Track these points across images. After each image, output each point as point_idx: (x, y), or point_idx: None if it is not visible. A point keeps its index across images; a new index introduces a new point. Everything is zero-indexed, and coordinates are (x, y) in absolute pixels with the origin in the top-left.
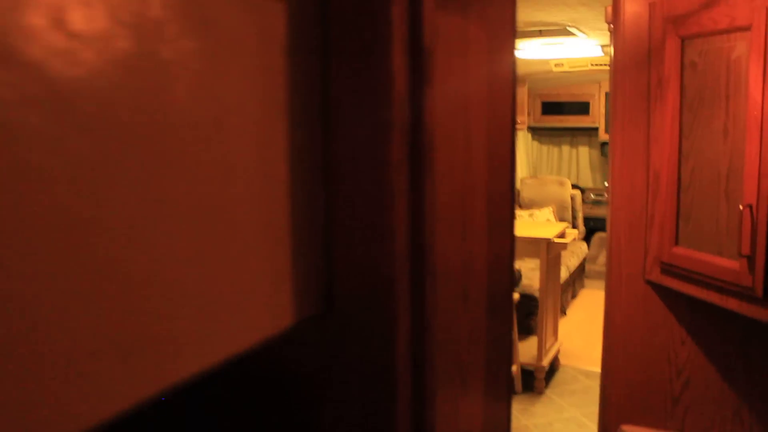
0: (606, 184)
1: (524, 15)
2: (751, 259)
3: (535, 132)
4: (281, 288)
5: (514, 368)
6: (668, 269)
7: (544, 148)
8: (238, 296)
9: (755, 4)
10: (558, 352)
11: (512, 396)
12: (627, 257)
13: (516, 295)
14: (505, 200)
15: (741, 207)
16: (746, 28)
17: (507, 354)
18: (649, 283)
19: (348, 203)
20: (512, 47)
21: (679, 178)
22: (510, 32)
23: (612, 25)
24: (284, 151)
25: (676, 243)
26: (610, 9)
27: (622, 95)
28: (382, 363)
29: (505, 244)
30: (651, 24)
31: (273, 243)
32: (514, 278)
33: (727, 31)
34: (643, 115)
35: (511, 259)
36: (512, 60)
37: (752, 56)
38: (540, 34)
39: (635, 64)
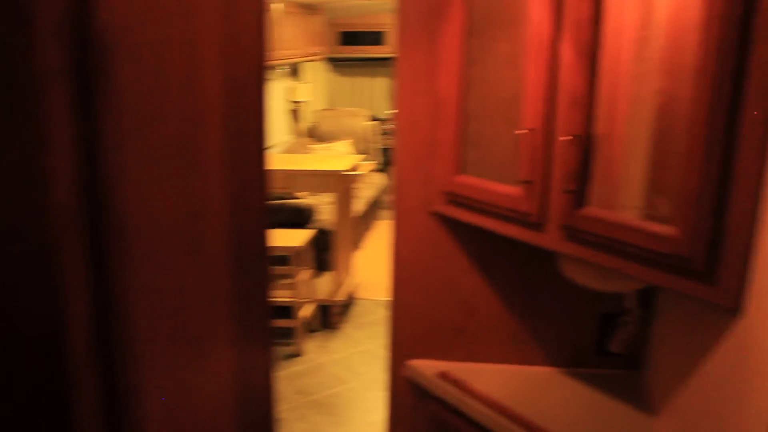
0: (391, 111)
1: None
2: (530, 185)
3: (333, 63)
4: None
5: (310, 306)
6: (452, 199)
7: (341, 78)
8: None
9: None
10: (354, 285)
11: (273, 347)
12: (412, 187)
13: (311, 231)
14: (254, 134)
15: (521, 132)
16: None
17: (264, 304)
18: (435, 213)
19: None
20: None
21: (463, 105)
22: None
23: None
24: None
25: (461, 172)
26: None
27: (407, 16)
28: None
29: (254, 185)
30: None
31: None
32: (271, 220)
33: None
34: (429, 37)
35: (263, 199)
36: None
37: None
38: None
39: None
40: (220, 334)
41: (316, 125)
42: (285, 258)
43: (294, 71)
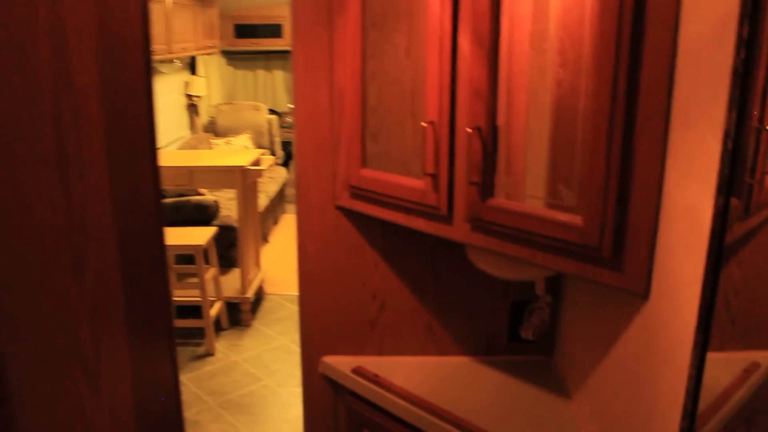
0: (291, 105)
1: None
2: (435, 177)
3: (229, 56)
4: None
5: (219, 305)
6: (357, 193)
7: (239, 72)
8: None
9: None
10: (262, 281)
11: (176, 353)
12: (315, 182)
13: (214, 228)
14: (142, 133)
15: (424, 124)
16: None
17: (164, 309)
18: (340, 208)
19: None
20: None
21: (364, 97)
22: None
23: None
24: None
25: (364, 165)
26: None
27: (303, 7)
28: None
29: (145, 186)
30: None
31: None
32: (164, 222)
33: None
34: (326, 29)
35: (157, 200)
36: None
37: None
38: None
39: None
40: (114, 347)
41: (214, 120)
42: (190, 256)
43: (191, 65)
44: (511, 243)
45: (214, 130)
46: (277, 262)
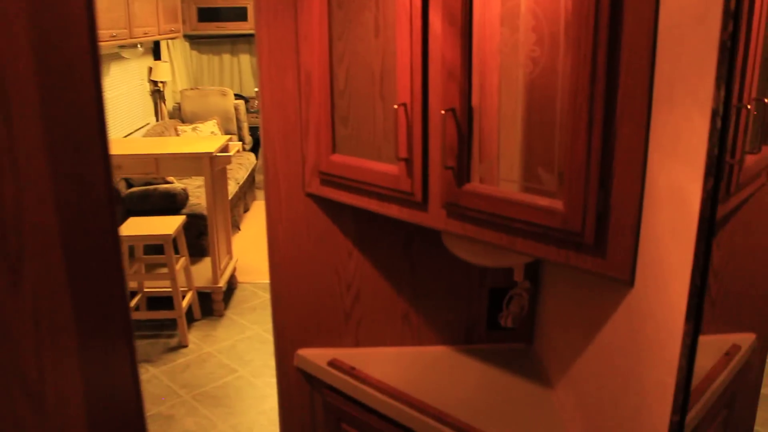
0: (257, 90)
1: None
2: (408, 162)
3: (193, 40)
4: None
5: (190, 295)
6: (328, 179)
7: (204, 57)
8: None
9: None
10: (234, 270)
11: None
12: (284, 169)
13: (182, 217)
14: (89, 121)
15: (395, 107)
16: None
17: (122, 310)
18: (310, 195)
19: None
20: None
21: (332, 80)
22: None
23: None
24: None
25: (334, 150)
26: None
27: None
28: None
29: (94, 178)
30: None
31: None
32: (121, 214)
33: None
34: (291, 9)
35: (108, 192)
36: None
37: None
38: None
39: None
40: (61, 358)
41: (180, 106)
42: (159, 246)
43: (154, 51)
44: (489, 229)
45: (180, 116)
46: (250, 250)
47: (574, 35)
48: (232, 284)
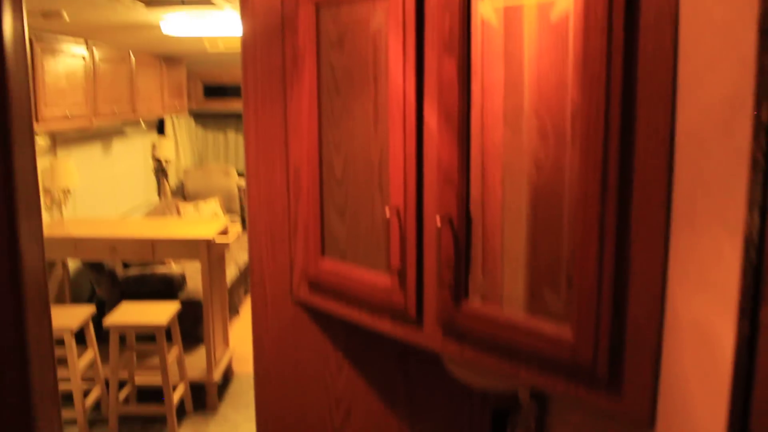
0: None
1: None
2: (402, 274)
3: (198, 117)
4: None
5: (182, 387)
6: (317, 287)
7: (210, 133)
8: None
9: None
10: (231, 359)
11: None
12: (271, 272)
13: (176, 305)
14: None
15: (387, 212)
16: None
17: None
18: (299, 302)
19: None
20: None
21: (321, 177)
22: None
23: None
24: None
25: (323, 253)
26: None
27: (254, 76)
28: None
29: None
30: None
31: None
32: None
33: None
34: (280, 100)
35: (16, 287)
36: None
37: (391, 28)
38: (183, 3)
39: (268, 37)
40: None
41: (183, 183)
42: (151, 336)
43: (158, 126)
44: (490, 355)
45: (182, 194)
46: (248, 337)
47: (582, 140)
48: (227, 375)
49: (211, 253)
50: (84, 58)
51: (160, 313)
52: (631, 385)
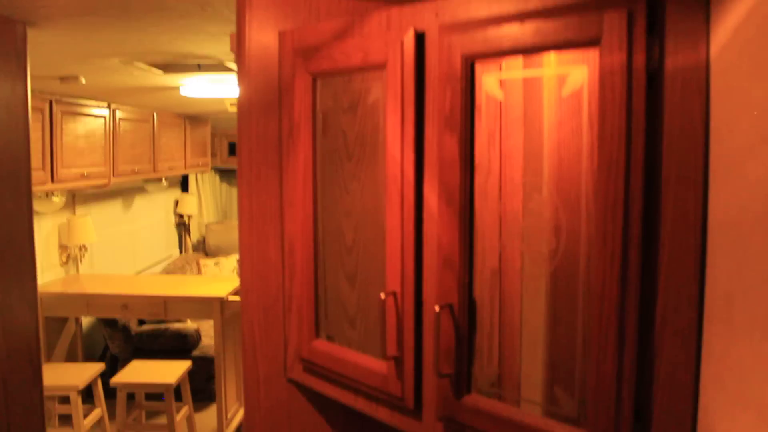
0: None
1: (165, 44)
2: (398, 361)
3: (224, 173)
4: None
5: None
6: (311, 368)
7: (234, 189)
8: None
9: (390, 36)
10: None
11: None
12: (264, 350)
13: (187, 363)
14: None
15: (383, 295)
16: (381, 66)
17: None
18: (292, 382)
19: None
20: None
21: (316, 251)
22: None
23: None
24: None
25: (317, 333)
26: (234, 36)
27: (249, 147)
28: None
29: None
30: (281, 58)
31: None
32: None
33: (362, 69)
34: (275, 172)
35: None
36: None
37: (389, 102)
38: (199, 69)
39: (264, 106)
40: None
41: (204, 239)
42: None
43: (182, 183)
44: None
45: (204, 249)
46: None
47: (599, 226)
48: None
49: (224, 311)
50: (105, 118)
51: (170, 371)
52: None
